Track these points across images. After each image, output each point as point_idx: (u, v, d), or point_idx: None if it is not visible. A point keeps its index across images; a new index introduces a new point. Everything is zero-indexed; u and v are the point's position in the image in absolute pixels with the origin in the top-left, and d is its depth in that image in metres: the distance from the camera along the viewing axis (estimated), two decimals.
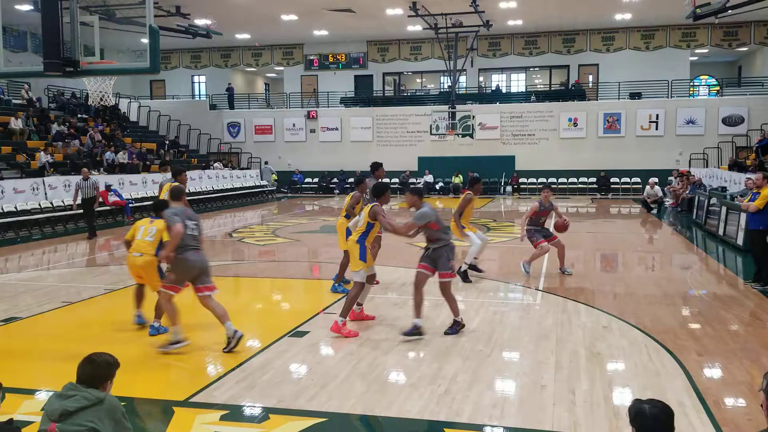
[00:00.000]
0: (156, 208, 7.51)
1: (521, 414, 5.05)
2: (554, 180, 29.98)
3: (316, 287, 10.18)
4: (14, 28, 26.57)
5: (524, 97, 32.67)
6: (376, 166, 10.01)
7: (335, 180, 32.33)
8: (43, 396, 5.55)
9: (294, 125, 33.16)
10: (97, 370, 3.43)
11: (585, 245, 14.18)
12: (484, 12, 25.17)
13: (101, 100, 8.29)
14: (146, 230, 7.35)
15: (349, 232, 8.90)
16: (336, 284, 9.49)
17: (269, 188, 31.11)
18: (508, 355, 6.62)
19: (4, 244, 15.26)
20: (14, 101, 25.81)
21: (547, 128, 30.34)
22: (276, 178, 31.85)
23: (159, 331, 7.32)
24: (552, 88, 33.77)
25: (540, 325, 7.66)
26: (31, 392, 5.65)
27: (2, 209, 16.87)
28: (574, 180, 29.92)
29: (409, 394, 5.45)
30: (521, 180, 30.32)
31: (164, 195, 9.84)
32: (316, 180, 32.69)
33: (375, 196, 7.46)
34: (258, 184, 30.62)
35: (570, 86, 32.66)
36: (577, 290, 9.56)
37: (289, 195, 31.73)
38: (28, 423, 4.78)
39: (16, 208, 17.32)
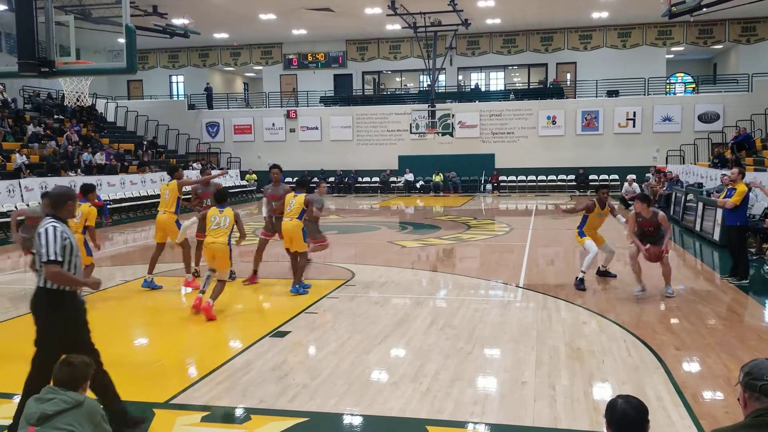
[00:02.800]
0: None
1: (502, 410, 5.09)
2: (533, 178, 30.19)
3: None
4: None
5: (503, 95, 32.82)
6: (272, 167, 11.02)
7: (315, 179, 32.21)
8: (14, 399, 5.46)
9: (273, 125, 33.02)
10: (75, 371, 3.39)
11: (564, 242, 14.28)
12: (462, 11, 25.24)
13: (77, 100, 8.22)
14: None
15: (305, 233, 9.75)
16: (297, 286, 9.51)
17: (249, 188, 30.96)
18: (489, 352, 6.66)
19: None
20: None
21: (526, 126, 30.52)
22: (255, 178, 31.70)
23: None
24: (530, 87, 33.97)
25: (520, 321, 7.72)
26: (9, 396, 5.57)
27: None
28: (553, 177, 30.14)
29: (390, 393, 5.46)
30: (501, 178, 30.48)
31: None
32: (296, 179, 32.51)
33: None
34: (238, 184, 30.44)
35: (548, 84, 32.90)
36: (557, 287, 9.63)
37: None
38: (5, 427, 4.71)
39: None
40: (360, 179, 31.88)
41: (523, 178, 30.25)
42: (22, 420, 3.28)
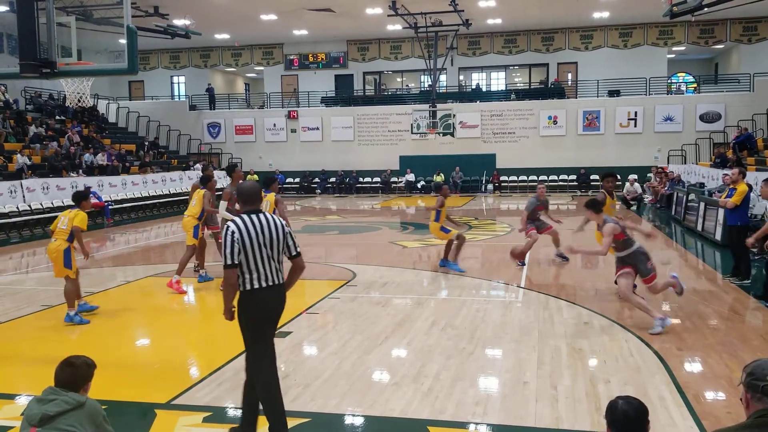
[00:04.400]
0: None
1: (504, 411, 5.08)
2: (535, 178, 30.16)
3: (298, 287, 10.10)
4: None
5: (504, 95, 32.81)
6: (233, 169, 10.32)
7: (317, 180, 32.26)
8: (22, 400, 5.48)
9: (275, 125, 33.03)
10: (77, 372, 3.39)
11: (566, 242, 14.26)
12: (463, 11, 25.24)
13: (79, 101, 8.22)
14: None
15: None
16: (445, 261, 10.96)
17: None
18: (490, 352, 6.66)
19: None
20: None
21: (527, 126, 30.52)
22: (257, 178, 31.70)
23: (72, 320, 7.85)
24: (532, 87, 33.97)
25: (522, 322, 7.71)
26: (10, 397, 5.58)
27: None
28: (555, 178, 30.12)
29: (392, 393, 5.45)
30: (502, 178, 30.47)
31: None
32: (297, 180, 32.59)
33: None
34: None
35: (549, 84, 32.89)
36: (559, 287, 9.62)
37: None
38: (8, 428, 4.72)
39: None
40: (361, 179, 31.88)
41: (524, 178, 30.23)
42: (23, 421, 3.28)
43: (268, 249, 4.38)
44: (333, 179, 31.98)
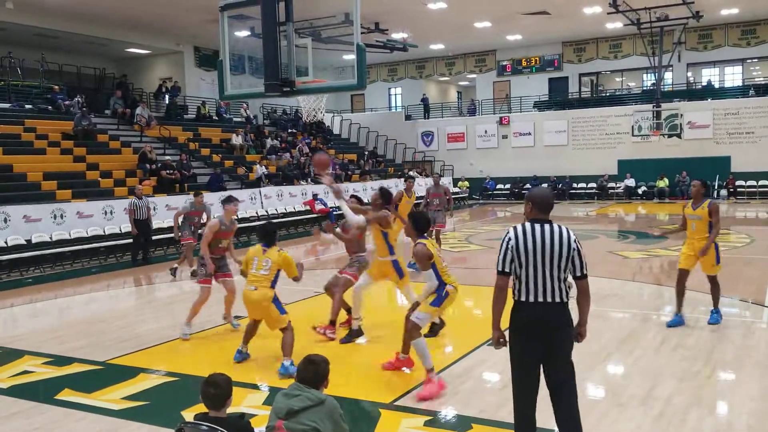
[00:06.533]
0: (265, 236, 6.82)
1: None
2: None
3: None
4: (234, 53, 29.59)
5: (741, 91, 29.55)
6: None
7: (527, 186, 31.68)
8: (259, 390, 6.02)
9: (486, 132, 33.09)
10: (317, 370, 3.66)
11: None
12: (693, 2, 23.21)
13: (314, 116, 8.93)
14: (259, 263, 6.67)
15: None
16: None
17: (461, 195, 31.35)
18: (731, 377, 6.00)
19: None
20: (235, 119, 28.67)
21: None
22: (468, 185, 32.03)
23: (288, 371, 6.23)
24: None
25: None
26: (250, 386, 6.10)
27: None
28: None
29: (618, 414, 5.14)
30: (738, 183, 27.40)
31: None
32: (507, 186, 32.29)
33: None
34: (452, 191, 30.93)
35: None
36: None
37: (481, 201, 31.68)
38: (252, 416, 5.22)
39: (237, 216, 19.19)
40: (575, 185, 30.71)
41: (765, 182, 26.91)
42: (271, 412, 3.61)
43: (546, 263, 3.98)
44: (545, 185, 31.18)
